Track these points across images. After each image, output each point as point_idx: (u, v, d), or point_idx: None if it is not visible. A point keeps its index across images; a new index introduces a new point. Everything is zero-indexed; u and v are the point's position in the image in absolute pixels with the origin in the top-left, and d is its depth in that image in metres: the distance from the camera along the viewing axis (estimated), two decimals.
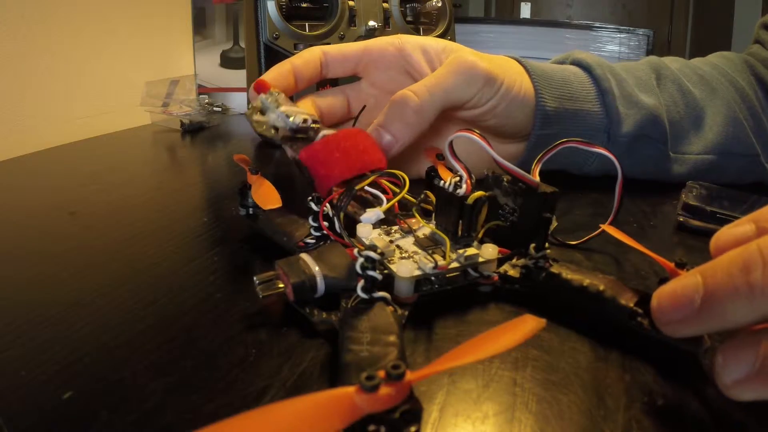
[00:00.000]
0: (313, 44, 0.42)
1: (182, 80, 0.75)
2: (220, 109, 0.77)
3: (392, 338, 0.21)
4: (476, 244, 0.27)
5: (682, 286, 0.18)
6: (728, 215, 0.35)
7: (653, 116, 0.43)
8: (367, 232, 0.28)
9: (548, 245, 0.27)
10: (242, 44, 0.79)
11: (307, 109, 0.40)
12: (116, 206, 0.42)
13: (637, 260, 0.31)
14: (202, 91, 0.80)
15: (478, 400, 0.20)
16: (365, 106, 0.41)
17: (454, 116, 0.39)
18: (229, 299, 0.27)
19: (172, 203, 0.43)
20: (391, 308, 0.23)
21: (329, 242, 0.27)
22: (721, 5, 2.23)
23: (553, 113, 0.40)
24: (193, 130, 0.69)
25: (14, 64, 0.63)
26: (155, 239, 0.35)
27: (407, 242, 0.27)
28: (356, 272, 0.23)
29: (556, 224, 0.30)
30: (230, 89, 0.80)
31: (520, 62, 0.42)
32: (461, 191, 0.27)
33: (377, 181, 0.30)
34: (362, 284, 0.23)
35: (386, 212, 0.29)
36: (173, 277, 0.30)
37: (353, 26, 0.59)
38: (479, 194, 0.26)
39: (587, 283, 0.24)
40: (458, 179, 0.27)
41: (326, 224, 0.28)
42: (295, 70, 0.39)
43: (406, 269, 0.24)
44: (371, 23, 0.59)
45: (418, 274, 0.25)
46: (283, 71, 0.38)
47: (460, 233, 0.26)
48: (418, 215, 0.28)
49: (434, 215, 0.28)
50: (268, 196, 0.31)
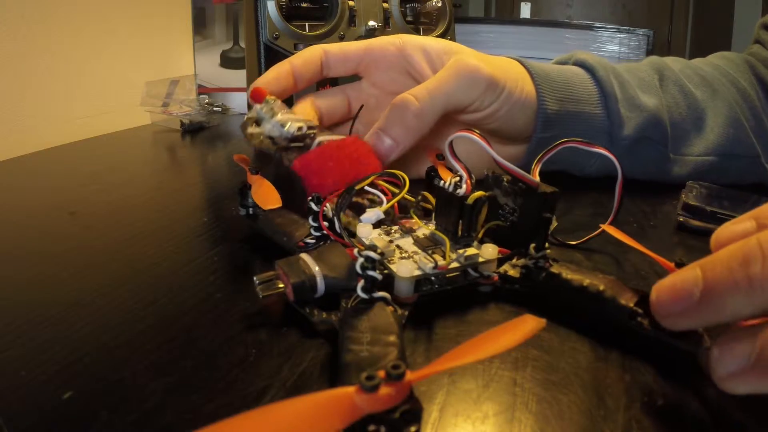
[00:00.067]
0: (313, 44, 0.42)
1: (182, 80, 0.75)
2: (220, 109, 0.77)
3: (392, 338, 0.21)
4: (476, 244, 0.27)
5: (681, 279, 0.19)
6: (728, 215, 0.35)
7: (655, 118, 0.42)
8: (367, 232, 0.28)
9: (548, 245, 0.27)
10: (242, 44, 0.79)
11: (306, 109, 0.40)
12: (116, 206, 0.42)
13: (637, 260, 0.31)
14: (202, 91, 0.80)
15: (478, 400, 0.20)
16: (362, 105, 0.41)
17: (455, 119, 0.39)
18: (229, 299, 0.27)
19: (172, 203, 0.43)
20: (391, 308, 0.23)
21: (329, 242, 0.27)
22: (721, 5, 2.23)
23: (554, 116, 0.40)
24: (193, 130, 0.69)
25: (14, 64, 0.63)
26: (155, 239, 0.35)
27: (407, 242, 0.27)
28: (356, 272, 0.23)
29: (556, 224, 0.30)
30: (230, 89, 0.80)
31: (522, 63, 0.42)
32: (461, 191, 0.27)
33: (375, 182, 0.30)
34: (362, 284, 0.23)
35: (385, 213, 0.29)
36: (173, 277, 0.30)
37: (353, 26, 0.59)
38: (479, 194, 0.26)
39: (587, 283, 0.24)
40: (458, 179, 0.27)
41: (326, 224, 0.28)
42: (294, 70, 0.39)
43: (406, 269, 0.24)
44: (371, 23, 0.59)
45: (418, 274, 0.25)
46: (282, 72, 0.38)
47: (460, 233, 0.26)
48: (416, 216, 0.28)
49: (434, 215, 0.28)
50: (268, 196, 0.31)
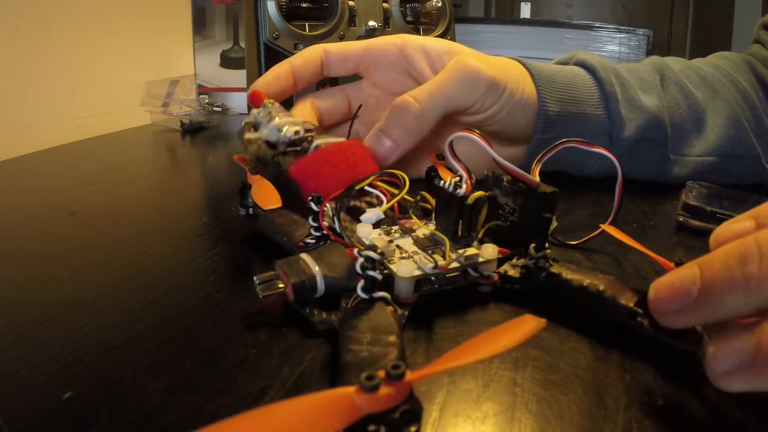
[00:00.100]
0: (312, 44, 0.42)
1: (182, 80, 0.75)
2: (220, 109, 0.77)
3: (392, 338, 0.21)
4: (476, 244, 0.27)
5: (679, 277, 0.19)
6: (728, 215, 0.34)
7: (656, 119, 0.42)
8: (367, 232, 0.28)
9: (548, 245, 0.27)
10: (242, 44, 0.79)
11: (306, 109, 0.40)
12: (116, 206, 0.42)
13: (637, 260, 0.31)
14: (202, 91, 0.80)
15: (478, 400, 0.20)
16: (361, 105, 0.41)
17: (456, 120, 0.39)
18: (229, 299, 0.27)
19: (172, 203, 0.43)
20: (391, 308, 0.23)
21: (329, 242, 0.27)
22: (721, 5, 2.23)
23: (555, 117, 0.40)
24: (193, 130, 0.69)
25: (14, 64, 0.63)
26: (155, 239, 0.35)
27: (407, 242, 0.27)
28: (356, 272, 0.23)
29: (556, 224, 0.30)
30: (230, 89, 0.80)
31: (523, 64, 0.41)
32: (461, 191, 0.27)
33: (374, 183, 0.30)
34: (362, 284, 0.23)
35: (385, 214, 0.29)
36: (173, 277, 0.30)
37: (353, 26, 0.59)
38: (479, 194, 0.26)
39: (587, 283, 0.24)
40: (458, 179, 0.27)
41: (326, 224, 0.28)
42: (294, 70, 0.39)
43: (406, 269, 0.24)
44: (371, 23, 0.59)
45: (418, 274, 0.25)
46: (282, 72, 0.38)
47: (460, 233, 0.26)
48: (414, 217, 0.28)
49: (434, 215, 0.28)
50: (268, 196, 0.31)
